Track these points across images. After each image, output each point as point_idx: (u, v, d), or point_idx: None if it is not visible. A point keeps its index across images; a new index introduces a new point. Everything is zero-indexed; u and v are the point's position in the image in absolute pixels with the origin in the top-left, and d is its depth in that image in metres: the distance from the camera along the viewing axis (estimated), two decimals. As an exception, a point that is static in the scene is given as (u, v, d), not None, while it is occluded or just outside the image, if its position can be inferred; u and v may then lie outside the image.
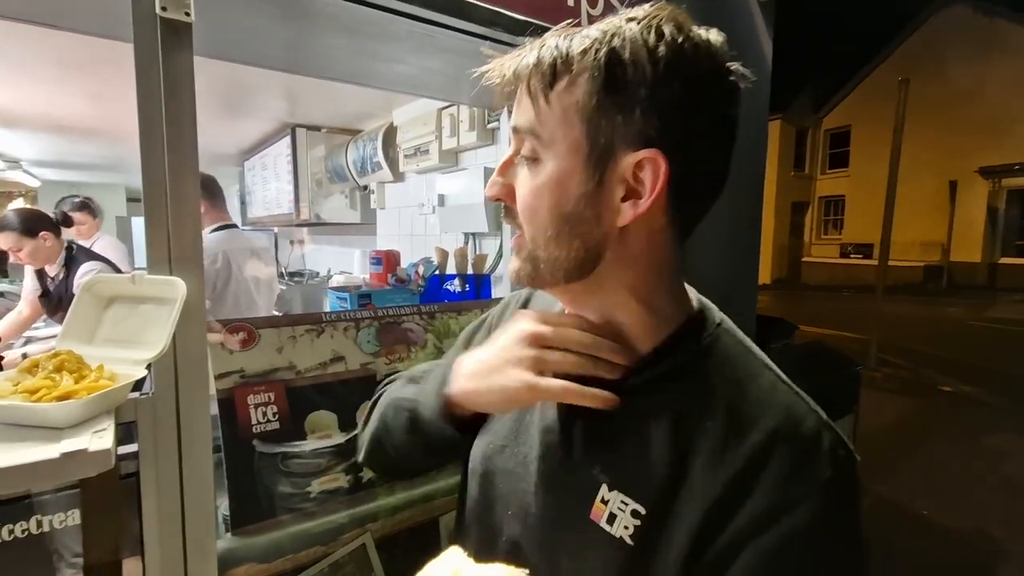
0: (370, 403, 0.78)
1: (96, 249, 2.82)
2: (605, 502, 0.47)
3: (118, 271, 2.25)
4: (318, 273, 4.37)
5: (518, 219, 0.50)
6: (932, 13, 13.65)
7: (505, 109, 1.62)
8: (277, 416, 1.03)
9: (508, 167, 0.51)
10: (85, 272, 2.09)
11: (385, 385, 0.80)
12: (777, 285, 15.40)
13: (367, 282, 1.69)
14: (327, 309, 2.89)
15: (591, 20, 1.15)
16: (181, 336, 0.70)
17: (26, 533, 0.67)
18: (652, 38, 0.43)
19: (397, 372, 0.83)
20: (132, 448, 0.73)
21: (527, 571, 0.41)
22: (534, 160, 0.48)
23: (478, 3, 1.00)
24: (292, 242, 5.20)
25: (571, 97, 0.45)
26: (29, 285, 2.31)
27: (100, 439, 0.53)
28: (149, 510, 0.74)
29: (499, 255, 1.79)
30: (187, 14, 0.69)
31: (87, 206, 2.94)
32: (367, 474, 1.10)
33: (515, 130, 0.49)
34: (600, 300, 0.51)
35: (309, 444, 1.04)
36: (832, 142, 17.28)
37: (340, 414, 1.10)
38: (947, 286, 13.00)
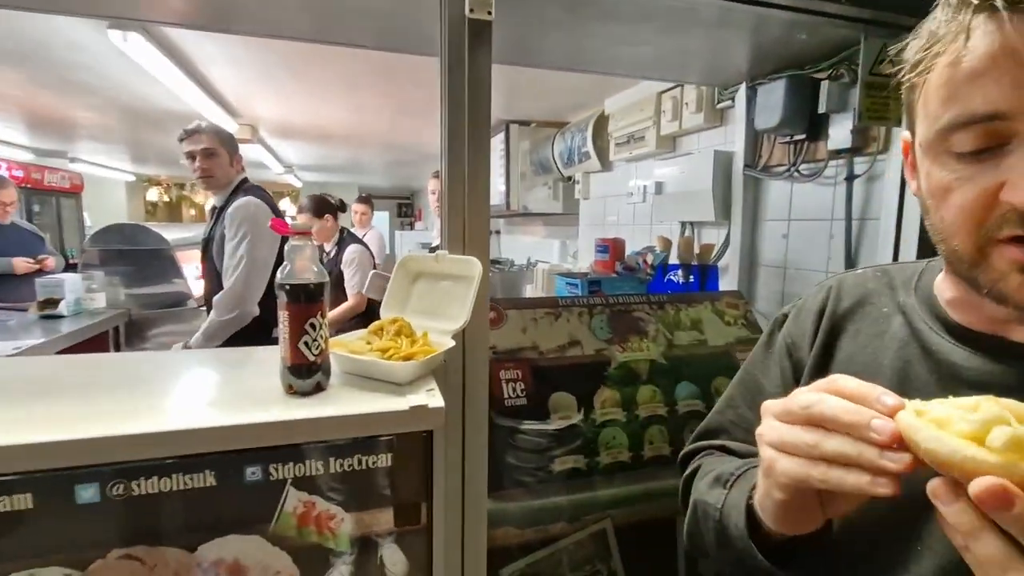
0: (683, 475, 0.67)
1: (368, 237, 3.43)
2: None
3: (372, 256, 2.68)
4: (514, 261, 4.63)
5: None
6: None
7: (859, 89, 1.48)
8: (524, 392, 1.09)
9: None
10: (351, 253, 2.55)
11: (693, 456, 0.67)
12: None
13: (593, 269, 1.71)
14: (529, 295, 3.03)
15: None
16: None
17: (351, 467, 0.79)
18: None
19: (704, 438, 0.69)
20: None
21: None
22: None
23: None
24: (491, 232, 5.60)
25: None
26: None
27: (434, 398, 0.60)
28: (439, 463, 0.83)
29: (725, 244, 1.66)
30: (489, 13, 0.75)
31: (369, 200, 3.62)
32: (603, 460, 1.11)
33: None
34: None
35: (552, 424, 1.08)
36: None
37: (578, 397, 1.13)
38: None
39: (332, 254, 2.64)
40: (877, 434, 0.32)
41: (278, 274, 0.58)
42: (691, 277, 1.57)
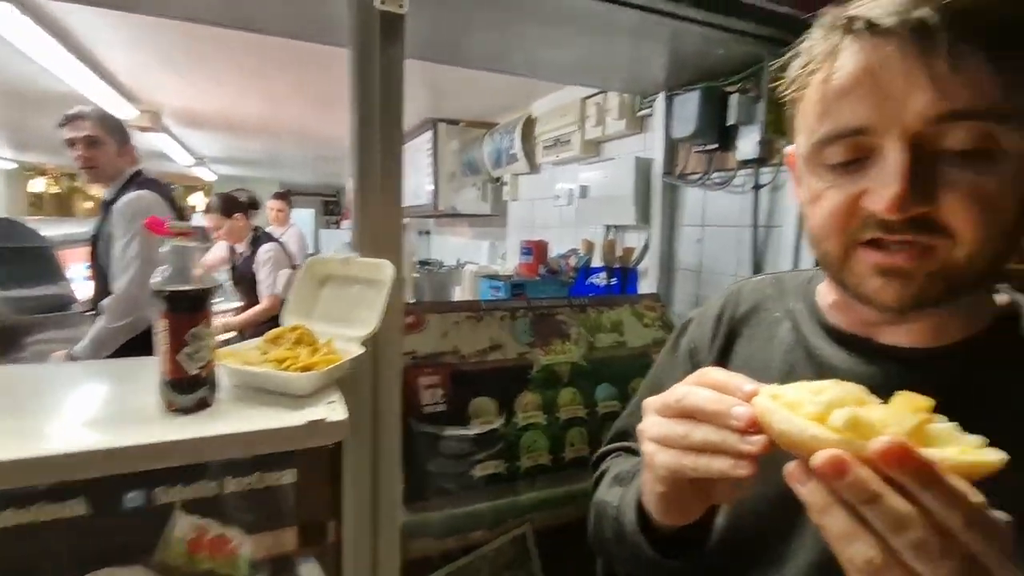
0: (593, 477, 0.67)
1: (286, 235, 3.23)
2: None
3: (289, 255, 2.54)
4: (443, 263, 4.57)
5: (936, 228, 0.38)
6: None
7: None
8: (444, 398, 1.06)
9: (920, 173, 0.37)
10: (265, 251, 2.40)
11: (604, 459, 0.68)
12: None
13: (518, 271, 1.71)
14: (457, 297, 3.00)
15: (784, -11, 1.04)
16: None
17: (251, 486, 0.74)
18: None
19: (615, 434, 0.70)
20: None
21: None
22: (984, 152, 0.36)
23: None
24: (420, 233, 5.50)
25: None
26: (216, 252, 2.79)
27: (334, 411, 0.57)
28: (348, 478, 0.79)
29: (645, 248, 1.71)
30: (400, 6, 0.72)
31: (286, 196, 3.40)
32: (524, 464, 1.10)
33: (953, 116, 0.36)
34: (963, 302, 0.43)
35: (473, 429, 1.06)
36: None
37: (499, 402, 1.11)
38: None
39: (246, 255, 2.48)
40: (736, 420, 0.34)
41: (153, 279, 0.52)
42: (613, 280, 1.61)
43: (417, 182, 3.27)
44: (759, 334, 0.56)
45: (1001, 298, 0.46)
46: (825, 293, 0.53)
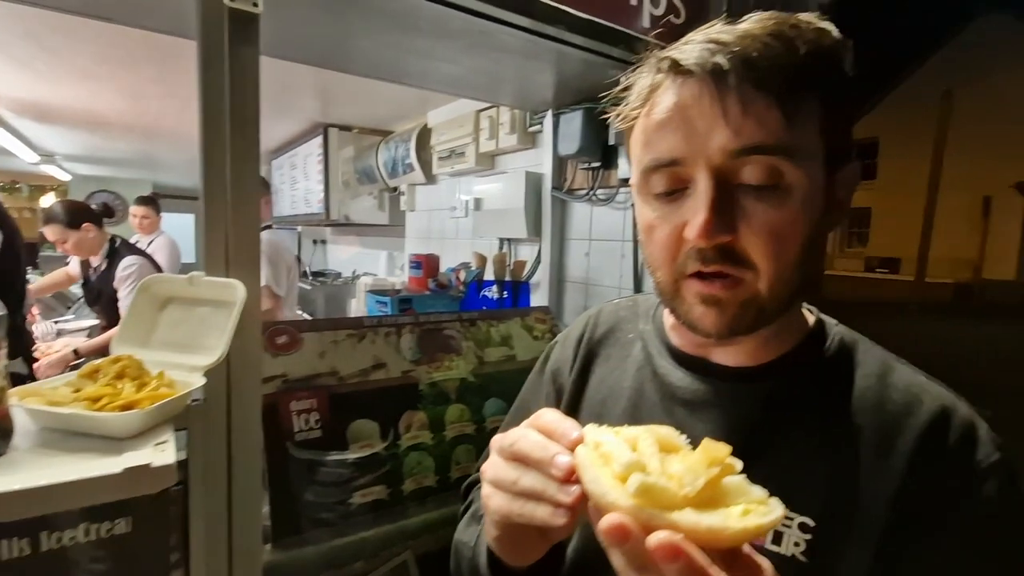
0: (461, 507, 0.68)
1: (154, 245, 2.88)
2: None
3: (159, 270, 2.26)
4: (340, 274, 4.37)
5: (741, 259, 0.41)
6: (969, 22, 13.06)
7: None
8: (320, 423, 0.99)
9: (723, 203, 0.40)
10: (126, 267, 2.11)
11: (473, 486, 0.69)
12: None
13: (406, 286, 1.66)
14: (353, 311, 2.87)
15: (653, 21, 1.11)
16: (236, 341, 0.67)
17: (74, 540, 0.64)
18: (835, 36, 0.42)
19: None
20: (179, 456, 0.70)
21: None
22: (773, 186, 0.40)
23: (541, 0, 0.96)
24: (315, 242, 5.23)
25: (815, 103, 0.40)
26: (74, 266, 2.47)
27: (162, 453, 0.50)
28: (196, 522, 0.70)
29: (537, 261, 1.75)
30: (255, 5, 0.66)
31: (152, 201, 3.01)
32: (408, 487, 1.06)
33: (745, 151, 0.39)
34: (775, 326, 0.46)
35: (351, 454, 1.01)
36: (858, 154, 16.96)
37: (381, 423, 1.07)
38: (978, 305, 12.59)
39: (102, 269, 2.17)
40: (556, 470, 0.34)
41: (-86, 308, 0.42)
42: (505, 293, 1.62)
43: (307, 189, 3.10)
44: (615, 354, 0.58)
45: (811, 318, 0.51)
46: (668, 315, 0.55)
